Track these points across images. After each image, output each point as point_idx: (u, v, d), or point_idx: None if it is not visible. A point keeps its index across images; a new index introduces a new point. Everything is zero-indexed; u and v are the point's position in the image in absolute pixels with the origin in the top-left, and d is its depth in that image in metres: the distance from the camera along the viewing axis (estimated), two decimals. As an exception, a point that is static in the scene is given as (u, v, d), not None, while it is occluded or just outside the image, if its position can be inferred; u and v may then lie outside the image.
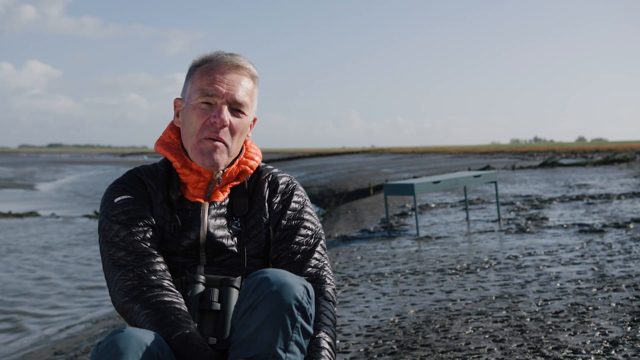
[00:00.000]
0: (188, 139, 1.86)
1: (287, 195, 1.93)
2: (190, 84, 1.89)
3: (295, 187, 1.96)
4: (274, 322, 1.54)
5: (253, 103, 1.92)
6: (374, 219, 10.29)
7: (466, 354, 3.14)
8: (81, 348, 5.14)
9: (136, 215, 1.82)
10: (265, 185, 1.93)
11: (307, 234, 1.89)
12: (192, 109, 1.85)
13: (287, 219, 1.89)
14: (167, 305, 1.68)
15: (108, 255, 1.79)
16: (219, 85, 1.84)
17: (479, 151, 46.17)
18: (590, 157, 28.82)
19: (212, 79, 1.84)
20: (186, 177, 1.87)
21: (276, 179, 1.94)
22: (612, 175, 15.92)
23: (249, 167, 1.91)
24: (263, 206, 1.90)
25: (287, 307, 1.55)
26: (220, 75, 1.85)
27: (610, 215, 8.45)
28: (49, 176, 41.04)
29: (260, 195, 1.91)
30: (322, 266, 1.87)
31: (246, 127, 1.89)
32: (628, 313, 3.67)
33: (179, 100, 1.94)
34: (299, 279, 1.61)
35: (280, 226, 1.88)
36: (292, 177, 1.99)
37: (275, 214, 1.90)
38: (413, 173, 21.27)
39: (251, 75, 1.91)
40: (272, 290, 1.56)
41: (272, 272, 1.61)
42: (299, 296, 1.57)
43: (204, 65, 1.88)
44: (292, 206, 1.92)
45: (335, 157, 46.52)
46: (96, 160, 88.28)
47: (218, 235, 1.82)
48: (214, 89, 1.83)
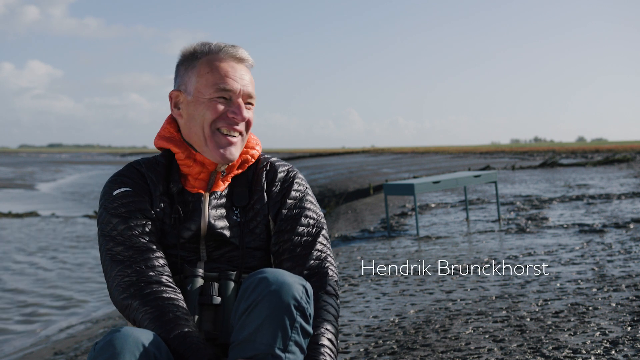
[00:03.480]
0: (196, 131, 1.85)
1: (287, 184, 1.92)
2: (195, 76, 1.86)
3: (295, 175, 1.94)
4: (273, 322, 1.54)
5: None
6: (374, 219, 10.28)
7: (466, 354, 3.14)
8: (81, 348, 5.14)
9: (135, 207, 1.81)
10: (264, 174, 1.92)
11: (308, 223, 1.88)
12: (205, 103, 1.84)
13: (288, 209, 1.88)
14: (166, 302, 1.68)
15: (106, 250, 1.78)
16: (233, 80, 1.85)
17: (479, 151, 46.16)
18: (590, 157, 28.82)
19: (225, 72, 1.85)
20: (188, 169, 1.87)
21: (275, 168, 1.93)
22: (612, 175, 15.92)
23: (250, 157, 1.92)
24: (262, 196, 1.89)
25: (286, 307, 1.55)
26: (232, 70, 1.86)
27: (610, 215, 8.45)
28: (49, 176, 41.03)
29: (259, 185, 1.90)
30: (325, 257, 1.85)
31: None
32: (628, 313, 3.67)
33: (175, 92, 1.90)
34: (297, 279, 1.61)
35: (281, 216, 1.87)
36: (292, 166, 1.98)
37: (275, 204, 1.89)
38: (413, 173, 21.27)
39: (249, 67, 1.93)
40: (271, 290, 1.55)
41: (271, 271, 1.60)
42: (298, 296, 1.57)
43: (207, 57, 1.87)
44: (292, 195, 1.90)
45: (335, 157, 46.52)
46: (96, 160, 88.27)
47: (219, 226, 1.82)
48: (229, 84, 1.84)
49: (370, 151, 61.34)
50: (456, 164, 27.61)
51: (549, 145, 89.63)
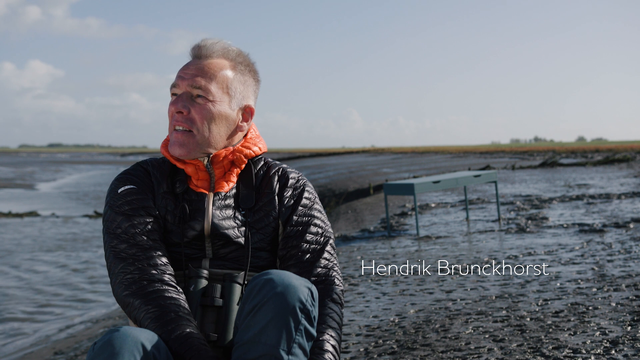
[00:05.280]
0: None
1: (298, 191, 1.92)
2: None
3: (305, 183, 1.95)
4: (278, 324, 1.53)
5: (227, 89, 1.86)
6: (374, 219, 10.28)
7: (466, 353, 3.14)
8: (81, 348, 5.14)
9: (139, 205, 1.82)
10: (275, 178, 1.92)
11: (317, 231, 1.88)
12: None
13: (298, 215, 1.88)
14: (168, 302, 1.68)
15: (110, 247, 1.79)
16: (181, 75, 1.85)
17: (479, 151, 46.15)
18: (590, 157, 28.81)
19: (180, 70, 1.87)
20: (186, 170, 1.88)
21: (286, 174, 1.93)
22: (612, 175, 15.92)
23: (243, 155, 1.89)
24: (273, 199, 1.89)
25: (291, 310, 1.55)
26: (185, 66, 1.87)
27: (610, 215, 8.45)
28: (49, 176, 41.03)
29: (270, 189, 1.90)
30: (332, 266, 1.86)
31: (219, 114, 1.84)
32: (628, 313, 3.67)
33: None
34: (303, 281, 1.61)
35: (292, 222, 1.87)
36: (301, 173, 1.98)
37: (287, 209, 1.89)
38: (413, 173, 21.26)
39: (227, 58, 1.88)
40: (277, 292, 1.55)
41: (277, 273, 1.60)
42: (304, 299, 1.57)
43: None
44: (303, 202, 1.91)
45: (335, 157, 46.51)
46: (96, 160, 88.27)
47: (223, 226, 1.82)
48: (175, 81, 1.86)
49: (370, 151, 61.32)
50: (456, 163, 27.60)
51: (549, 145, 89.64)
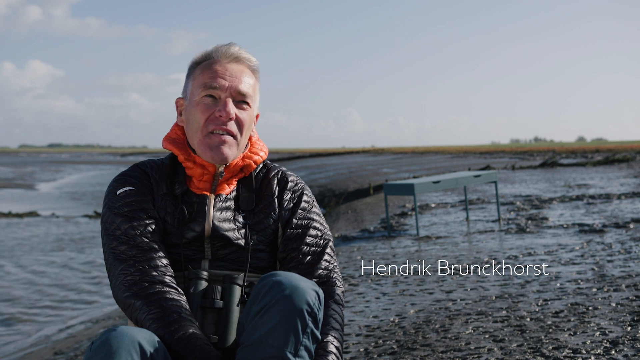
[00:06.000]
0: (193, 135, 1.87)
1: (297, 194, 1.93)
2: (191, 81, 1.89)
3: (304, 186, 1.97)
4: (286, 326, 1.53)
5: (256, 96, 1.92)
6: (374, 219, 10.28)
7: (466, 353, 3.14)
8: (81, 348, 5.14)
9: (138, 207, 1.81)
10: (275, 181, 1.93)
11: (317, 234, 1.90)
12: (195, 104, 1.85)
13: (298, 218, 1.90)
14: (169, 303, 1.68)
15: (110, 249, 1.79)
16: (222, 78, 1.84)
17: (479, 151, 46.15)
18: (590, 157, 28.82)
19: (214, 72, 1.85)
20: (191, 171, 1.87)
21: (285, 176, 1.95)
22: (612, 175, 15.92)
23: (253, 162, 1.91)
24: (272, 202, 1.90)
25: (299, 312, 1.55)
26: (222, 68, 1.86)
27: (610, 215, 8.45)
28: (49, 176, 41.02)
29: (269, 191, 1.91)
30: (332, 268, 1.87)
31: (252, 121, 1.90)
32: (628, 313, 3.67)
33: (180, 100, 1.94)
34: (310, 284, 1.61)
35: (292, 224, 1.88)
36: (299, 176, 2.00)
37: (287, 211, 1.90)
38: (413, 173, 21.27)
39: (251, 68, 1.91)
40: (285, 294, 1.55)
41: (285, 275, 1.60)
42: (311, 302, 1.57)
43: (204, 62, 1.89)
44: (302, 205, 1.92)
45: (335, 157, 46.51)
46: (96, 160, 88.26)
47: (223, 228, 1.82)
48: (216, 82, 1.83)
49: (370, 151, 61.33)
50: (456, 163, 27.61)
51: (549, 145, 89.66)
